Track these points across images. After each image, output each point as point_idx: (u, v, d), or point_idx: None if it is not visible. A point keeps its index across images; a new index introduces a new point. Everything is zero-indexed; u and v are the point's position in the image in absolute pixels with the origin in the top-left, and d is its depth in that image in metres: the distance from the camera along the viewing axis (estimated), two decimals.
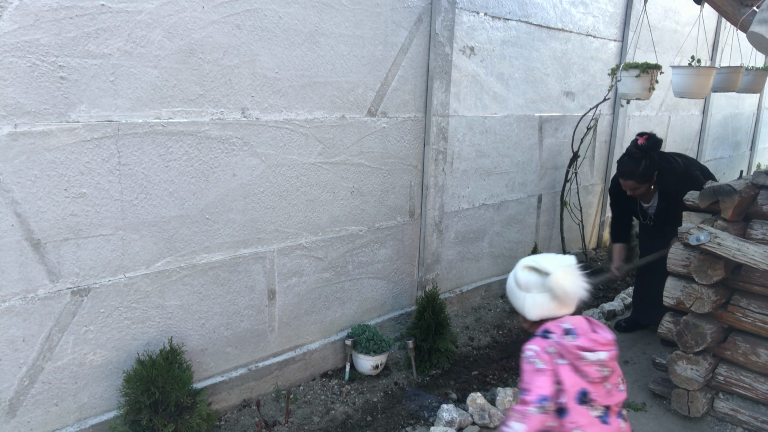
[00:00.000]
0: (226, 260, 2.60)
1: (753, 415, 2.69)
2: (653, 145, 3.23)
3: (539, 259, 1.71)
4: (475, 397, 2.81)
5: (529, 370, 1.62)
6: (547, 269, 1.66)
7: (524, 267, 1.71)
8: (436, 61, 3.24)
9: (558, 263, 1.68)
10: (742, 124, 7.89)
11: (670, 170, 3.31)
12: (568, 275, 1.66)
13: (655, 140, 3.23)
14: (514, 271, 1.76)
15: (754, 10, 2.88)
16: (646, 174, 3.24)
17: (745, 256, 2.43)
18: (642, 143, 3.22)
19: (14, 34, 1.88)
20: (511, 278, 1.77)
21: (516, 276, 1.73)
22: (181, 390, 2.27)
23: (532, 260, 1.71)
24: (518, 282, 1.72)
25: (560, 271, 1.65)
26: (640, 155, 3.23)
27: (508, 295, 1.80)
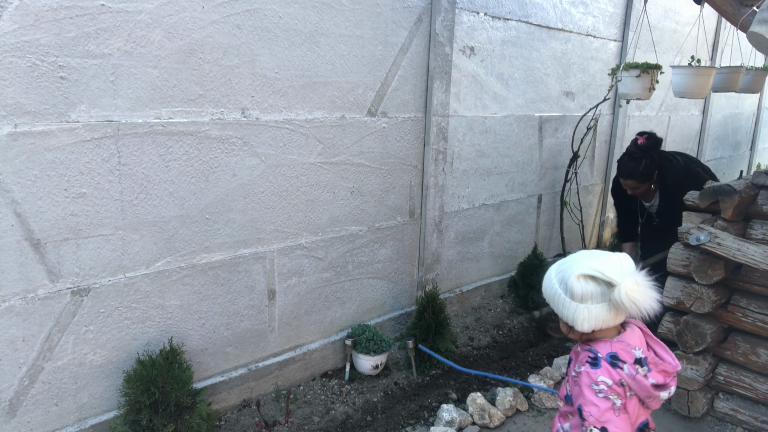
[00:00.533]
0: (226, 260, 2.59)
1: (753, 415, 2.69)
2: (653, 145, 3.23)
3: (598, 265, 1.48)
4: (475, 397, 2.81)
5: (605, 408, 1.42)
6: (612, 279, 1.44)
7: (580, 276, 1.47)
8: (436, 61, 3.24)
9: (621, 270, 1.46)
10: (742, 124, 7.89)
11: (671, 169, 3.32)
12: (638, 285, 1.45)
13: (655, 139, 3.24)
14: (563, 278, 1.52)
15: (754, 10, 2.88)
16: (647, 173, 3.25)
17: (745, 256, 2.43)
18: (642, 143, 3.23)
19: (14, 34, 1.88)
20: (554, 284, 1.55)
21: (570, 286, 1.49)
22: (181, 390, 2.27)
23: (590, 267, 1.48)
24: (572, 292, 1.49)
25: (629, 281, 1.44)
26: (640, 155, 3.24)
27: (549, 301, 1.58)
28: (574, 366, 1.57)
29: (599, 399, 1.43)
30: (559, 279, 1.54)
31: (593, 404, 1.43)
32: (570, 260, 1.56)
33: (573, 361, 1.63)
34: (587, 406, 1.44)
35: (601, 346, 1.52)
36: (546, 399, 2.92)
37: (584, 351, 1.54)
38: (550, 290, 1.57)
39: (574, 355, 1.64)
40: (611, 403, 1.43)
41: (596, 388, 1.45)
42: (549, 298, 1.58)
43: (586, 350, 1.54)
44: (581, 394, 1.47)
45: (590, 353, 1.52)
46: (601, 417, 1.42)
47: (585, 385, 1.46)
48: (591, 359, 1.50)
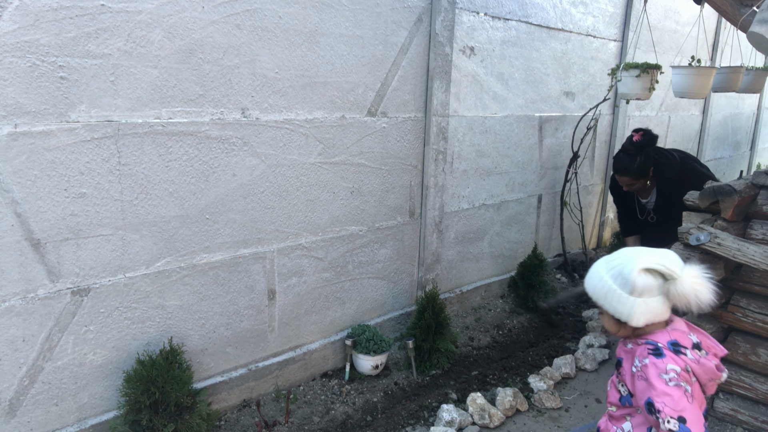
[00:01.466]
0: (226, 260, 2.59)
1: (753, 415, 2.69)
2: (648, 141, 3.26)
3: (659, 259, 1.48)
4: (475, 397, 2.81)
5: (679, 396, 1.40)
6: (674, 272, 1.45)
7: (643, 270, 1.47)
8: (436, 61, 3.24)
9: (679, 263, 1.48)
10: (742, 124, 7.89)
11: (667, 165, 3.33)
12: (698, 278, 1.46)
13: (651, 136, 3.26)
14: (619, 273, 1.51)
15: (754, 10, 2.88)
16: (642, 170, 3.27)
17: (745, 256, 2.43)
18: (637, 139, 3.25)
19: (14, 34, 1.88)
20: (607, 281, 1.53)
21: (632, 281, 1.48)
22: (181, 390, 2.27)
23: (653, 261, 1.48)
24: (633, 287, 1.48)
25: (689, 273, 1.46)
26: (635, 151, 3.26)
27: (598, 299, 1.56)
28: (633, 362, 1.54)
29: (671, 388, 1.41)
30: (613, 275, 1.52)
31: (666, 394, 1.40)
32: (622, 257, 1.55)
33: (626, 359, 1.61)
34: (659, 397, 1.41)
35: (659, 336, 1.51)
36: (546, 399, 2.92)
37: (642, 345, 1.52)
38: (602, 288, 1.54)
39: (624, 353, 1.62)
40: (683, 390, 1.41)
41: (666, 377, 1.42)
42: (600, 296, 1.55)
43: (644, 343, 1.52)
44: (649, 387, 1.44)
45: (649, 345, 1.50)
46: (676, 406, 1.38)
47: (654, 377, 1.43)
48: (652, 350, 1.48)
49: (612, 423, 1.66)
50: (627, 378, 1.58)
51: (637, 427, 1.57)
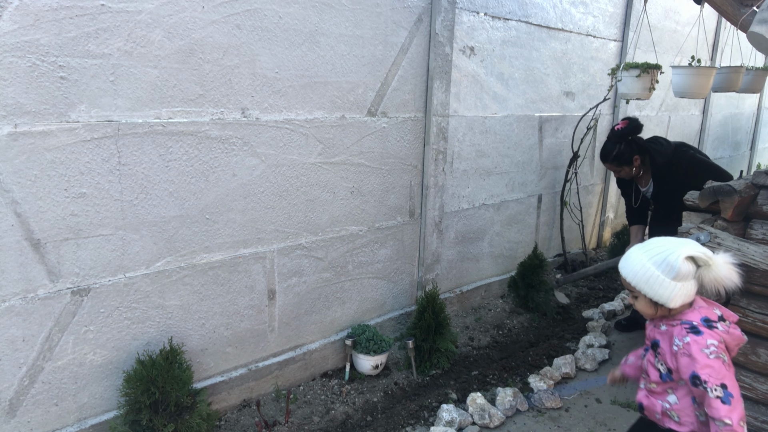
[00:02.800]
0: (226, 260, 2.60)
1: (753, 415, 2.69)
2: (632, 130, 3.38)
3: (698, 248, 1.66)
4: (475, 397, 2.82)
5: (719, 368, 1.59)
6: (711, 259, 1.63)
7: (687, 257, 1.64)
8: (436, 61, 3.24)
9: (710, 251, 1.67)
10: (742, 124, 7.89)
11: (659, 151, 3.41)
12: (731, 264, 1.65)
13: (635, 125, 3.39)
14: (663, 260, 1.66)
15: (754, 10, 2.88)
16: (622, 158, 3.40)
17: (745, 256, 2.43)
18: (619, 128, 3.39)
19: (14, 34, 1.88)
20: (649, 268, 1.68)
21: (677, 267, 1.64)
22: (181, 390, 2.27)
23: (695, 250, 1.65)
24: (677, 273, 1.63)
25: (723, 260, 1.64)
26: (616, 139, 3.42)
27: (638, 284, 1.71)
28: (672, 342, 1.70)
29: (713, 360, 1.59)
30: (657, 262, 1.67)
31: (709, 366, 1.58)
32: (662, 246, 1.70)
33: (662, 340, 1.75)
34: (703, 369, 1.59)
35: (690, 315, 1.69)
36: (546, 399, 2.92)
37: (677, 326, 1.69)
38: (645, 273, 1.68)
39: (659, 335, 1.77)
40: (722, 360, 1.59)
41: (707, 351, 1.60)
42: (642, 281, 1.69)
43: (679, 324, 1.69)
44: (693, 362, 1.61)
45: (685, 324, 1.68)
46: (719, 375, 1.58)
47: (696, 352, 1.61)
48: (689, 329, 1.66)
49: (654, 397, 1.80)
50: (667, 357, 1.72)
51: (682, 398, 1.73)
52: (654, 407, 1.80)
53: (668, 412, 1.76)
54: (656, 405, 1.79)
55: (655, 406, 1.79)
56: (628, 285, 1.76)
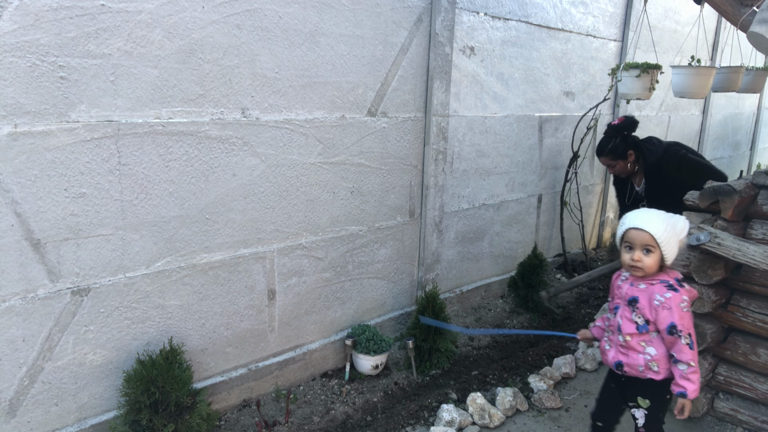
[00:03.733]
0: (226, 260, 2.60)
1: (753, 415, 2.69)
2: (627, 126, 3.57)
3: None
4: (475, 397, 2.81)
5: (689, 322, 1.88)
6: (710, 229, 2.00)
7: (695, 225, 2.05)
8: (436, 61, 3.24)
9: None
10: (742, 124, 7.89)
11: (650, 149, 3.60)
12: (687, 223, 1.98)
13: (631, 121, 3.58)
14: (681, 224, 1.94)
15: (754, 10, 2.89)
16: (617, 151, 3.58)
17: (745, 256, 2.43)
18: (615, 123, 3.59)
19: (14, 34, 1.88)
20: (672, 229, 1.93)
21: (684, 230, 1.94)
22: (181, 390, 2.27)
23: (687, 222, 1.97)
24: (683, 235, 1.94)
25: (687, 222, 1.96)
26: (612, 133, 3.60)
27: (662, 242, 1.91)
28: (653, 297, 1.94)
29: (685, 313, 1.89)
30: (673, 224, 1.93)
31: (683, 318, 1.88)
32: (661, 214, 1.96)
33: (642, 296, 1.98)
34: (679, 320, 1.87)
35: (666, 276, 1.95)
36: (546, 399, 2.92)
37: (657, 284, 1.94)
38: (669, 232, 1.92)
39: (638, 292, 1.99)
40: (690, 314, 1.89)
41: (683, 305, 1.89)
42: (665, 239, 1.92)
43: (658, 282, 1.95)
44: (672, 314, 1.88)
45: (664, 282, 1.94)
46: (688, 326, 1.89)
47: (676, 306, 1.88)
48: (668, 286, 1.92)
49: (633, 353, 2.01)
50: (647, 311, 1.95)
51: (659, 349, 1.97)
52: (636, 361, 2.01)
53: (649, 363, 1.99)
54: (638, 359, 2.00)
55: (637, 360, 2.00)
56: (650, 240, 1.92)
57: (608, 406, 2.24)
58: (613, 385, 2.21)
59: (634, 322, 2.00)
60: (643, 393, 2.08)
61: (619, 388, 2.18)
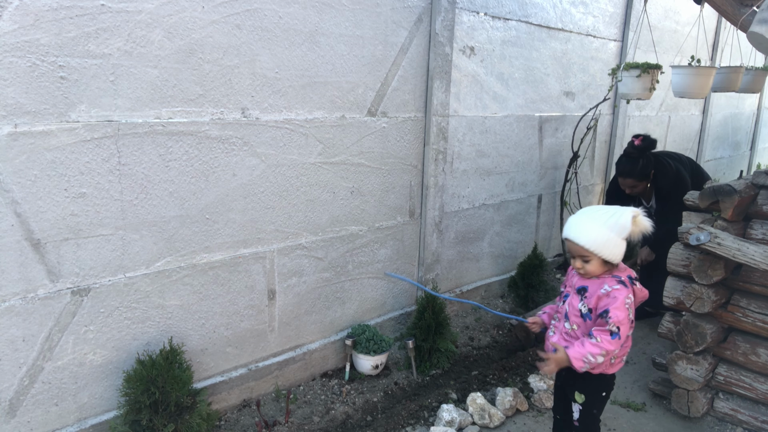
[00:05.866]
0: (226, 260, 2.59)
1: (753, 415, 2.69)
2: (649, 145, 3.50)
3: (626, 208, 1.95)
4: (475, 397, 2.82)
5: (624, 316, 1.89)
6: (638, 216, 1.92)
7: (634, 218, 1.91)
8: (436, 61, 3.24)
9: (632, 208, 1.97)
10: (742, 124, 7.88)
11: (664, 173, 3.59)
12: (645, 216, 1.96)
13: (650, 141, 3.51)
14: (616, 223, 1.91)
15: (754, 10, 2.89)
16: (644, 172, 3.51)
17: (745, 256, 2.43)
18: (638, 143, 3.50)
19: (14, 34, 1.88)
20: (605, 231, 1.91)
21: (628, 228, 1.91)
22: (181, 390, 2.27)
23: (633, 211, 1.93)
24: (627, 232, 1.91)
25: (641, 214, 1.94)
26: (638, 154, 3.51)
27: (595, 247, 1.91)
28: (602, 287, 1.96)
29: (624, 309, 1.90)
30: (611, 226, 1.91)
31: (620, 310, 1.89)
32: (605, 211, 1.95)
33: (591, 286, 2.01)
34: (615, 310, 1.89)
35: (619, 273, 1.98)
36: (546, 399, 2.92)
37: (609, 278, 1.97)
38: (602, 237, 1.91)
39: (589, 283, 2.02)
40: (629, 312, 1.91)
41: (627, 301, 1.92)
42: (600, 244, 1.91)
43: (611, 277, 1.97)
44: (612, 302, 1.91)
45: (615, 278, 1.96)
46: (621, 320, 1.89)
47: (619, 298, 1.91)
48: (619, 281, 1.94)
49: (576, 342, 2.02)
50: (593, 299, 1.98)
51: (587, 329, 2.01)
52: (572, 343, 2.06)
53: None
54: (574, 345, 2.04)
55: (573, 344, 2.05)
56: (583, 251, 1.95)
57: (560, 398, 2.29)
58: (558, 383, 2.28)
59: (580, 310, 2.03)
60: (580, 388, 2.12)
61: (559, 382, 2.26)
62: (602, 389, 2.09)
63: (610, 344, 1.88)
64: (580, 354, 1.90)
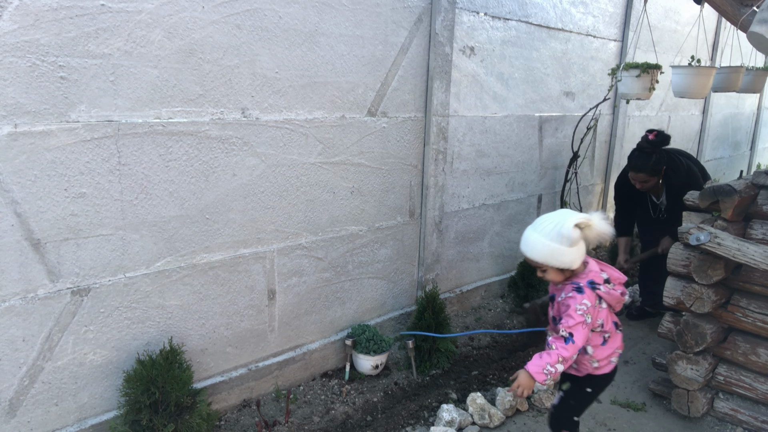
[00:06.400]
0: (226, 260, 2.59)
1: (753, 415, 2.69)
2: (662, 141, 3.48)
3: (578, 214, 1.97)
4: (475, 397, 2.81)
5: (579, 321, 1.93)
6: (591, 220, 1.95)
7: (575, 225, 1.93)
8: (436, 61, 3.24)
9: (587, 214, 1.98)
10: (742, 124, 7.89)
11: (675, 170, 3.54)
12: (602, 220, 1.98)
13: (664, 136, 3.49)
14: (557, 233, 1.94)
15: (754, 10, 2.89)
16: (656, 167, 3.49)
17: (745, 256, 2.43)
18: (652, 138, 3.47)
19: (14, 34, 1.88)
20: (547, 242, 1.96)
21: (569, 235, 1.93)
22: (181, 390, 2.27)
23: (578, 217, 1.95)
24: (570, 240, 1.93)
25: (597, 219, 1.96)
26: (651, 149, 3.48)
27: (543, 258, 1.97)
28: (560, 295, 2.05)
29: (577, 315, 1.93)
30: (553, 236, 1.96)
31: (571, 317, 1.94)
32: (550, 221, 1.98)
33: (557, 293, 2.09)
34: (567, 318, 1.95)
35: (580, 278, 2.01)
36: (546, 399, 2.92)
37: (569, 284, 2.02)
38: (546, 249, 1.97)
39: (556, 291, 2.12)
40: (584, 319, 1.93)
41: (579, 307, 1.94)
42: (547, 256, 1.97)
43: (570, 283, 2.02)
44: (567, 309, 1.96)
45: (574, 284, 2.00)
46: (572, 326, 1.93)
47: (572, 305, 1.95)
48: (576, 288, 1.98)
49: None
50: (556, 307, 2.08)
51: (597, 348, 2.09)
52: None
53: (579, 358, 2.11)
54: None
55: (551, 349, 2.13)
56: (536, 263, 2.04)
57: None
58: None
59: (553, 318, 2.15)
60: (568, 377, 2.22)
61: None
62: (587, 385, 2.15)
63: (565, 350, 1.92)
64: (539, 367, 1.92)
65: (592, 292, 1.97)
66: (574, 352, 1.93)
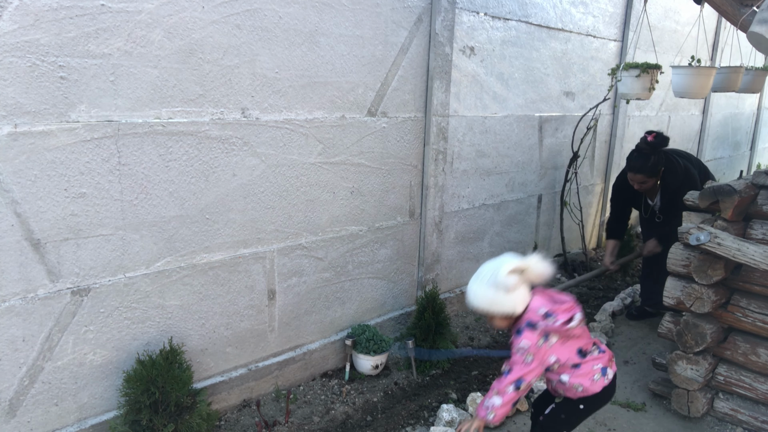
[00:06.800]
0: (226, 260, 2.60)
1: (753, 415, 2.69)
2: (661, 142, 3.48)
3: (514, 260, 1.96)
4: (475, 397, 2.81)
5: (519, 361, 1.97)
6: (527, 263, 1.95)
7: (509, 272, 1.93)
8: (436, 61, 3.24)
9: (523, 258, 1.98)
10: (742, 124, 7.89)
11: (672, 170, 3.53)
12: (541, 261, 1.97)
13: (663, 138, 3.48)
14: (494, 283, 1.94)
15: (754, 10, 2.89)
16: (655, 169, 3.48)
17: (745, 256, 2.43)
18: (651, 140, 3.46)
19: (14, 34, 1.88)
20: (487, 293, 1.97)
21: (505, 283, 1.93)
22: (181, 390, 2.27)
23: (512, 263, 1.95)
24: (507, 287, 1.93)
25: (534, 261, 1.96)
26: (650, 151, 3.47)
27: (488, 309, 1.99)
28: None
29: (517, 356, 1.98)
30: (490, 285, 1.96)
31: (513, 356, 2.00)
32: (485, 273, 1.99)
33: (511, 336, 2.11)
34: (511, 357, 2.01)
35: (522, 320, 2.02)
36: None
37: (515, 329, 2.05)
38: (487, 299, 1.98)
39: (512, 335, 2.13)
40: (523, 358, 1.97)
41: (521, 346, 1.97)
42: (488, 305, 1.99)
43: (516, 328, 2.04)
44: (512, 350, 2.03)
45: (516, 328, 2.03)
46: (511, 365, 1.99)
47: (514, 347, 2.01)
48: (516, 332, 2.02)
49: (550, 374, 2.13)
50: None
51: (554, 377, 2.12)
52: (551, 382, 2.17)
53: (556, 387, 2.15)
54: (552, 381, 2.15)
55: (551, 381, 2.17)
56: (480, 312, 2.05)
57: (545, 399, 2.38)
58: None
59: None
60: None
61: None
62: (580, 402, 2.13)
63: (499, 382, 1.99)
64: (483, 407, 2.00)
65: (532, 332, 1.97)
66: (508, 383, 1.97)
